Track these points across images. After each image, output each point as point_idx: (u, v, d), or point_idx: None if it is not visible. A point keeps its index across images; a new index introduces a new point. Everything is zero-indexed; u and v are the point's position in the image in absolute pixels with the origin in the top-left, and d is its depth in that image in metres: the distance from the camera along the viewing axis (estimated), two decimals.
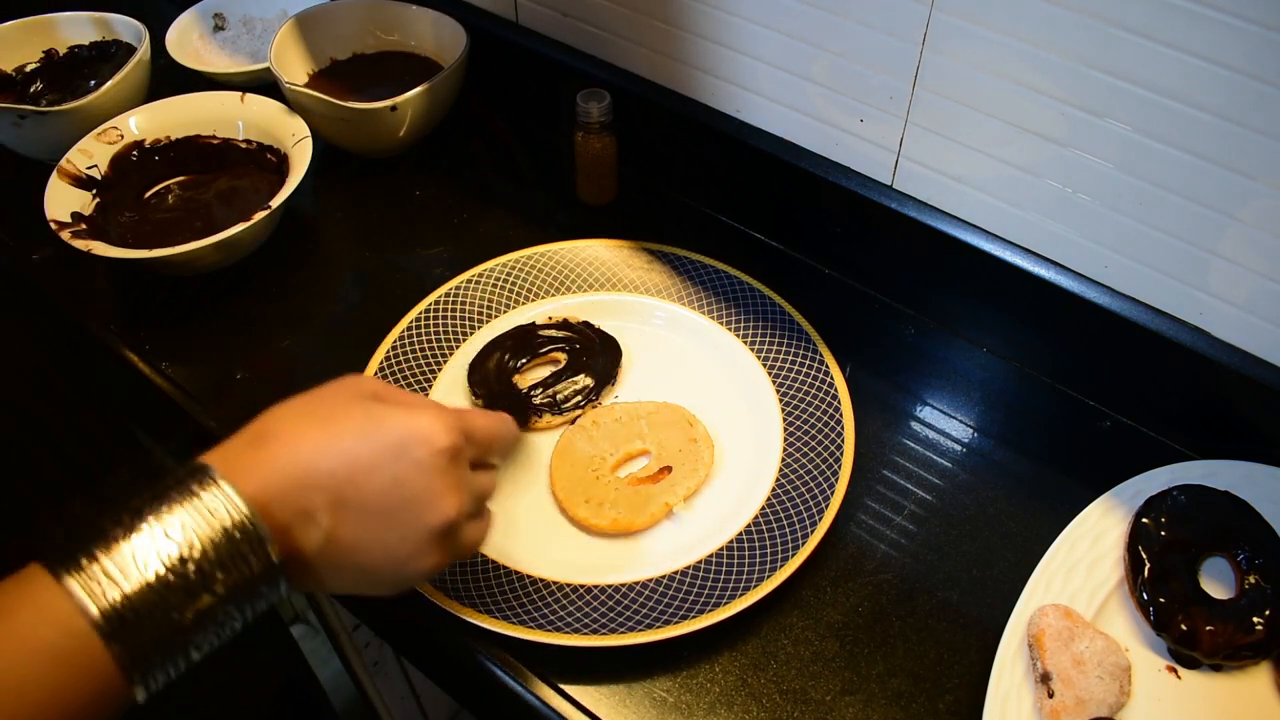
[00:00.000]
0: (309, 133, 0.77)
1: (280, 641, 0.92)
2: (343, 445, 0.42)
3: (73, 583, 0.35)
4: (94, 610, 0.34)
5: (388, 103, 0.78)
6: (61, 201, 0.73)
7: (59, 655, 0.34)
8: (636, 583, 0.56)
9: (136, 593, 0.35)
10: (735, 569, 0.57)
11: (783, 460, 0.62)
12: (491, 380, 0.66)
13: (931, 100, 0.63)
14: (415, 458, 0.43)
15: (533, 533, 0.59)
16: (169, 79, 0.90)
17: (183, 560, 0.36)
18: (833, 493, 0.60)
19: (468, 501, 0.46)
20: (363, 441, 0.42)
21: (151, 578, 0.35)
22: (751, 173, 0.76)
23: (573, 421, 0.64)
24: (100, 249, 0.68)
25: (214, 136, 0.82)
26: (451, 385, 0.67)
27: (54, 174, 0.74)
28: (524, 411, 0.64)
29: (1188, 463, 0.60)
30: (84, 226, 0.73)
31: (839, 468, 0.61)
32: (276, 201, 0.72)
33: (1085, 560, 0.56)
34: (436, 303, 0.71)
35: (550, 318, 0.70)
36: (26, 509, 0.77)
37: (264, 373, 0.69)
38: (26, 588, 0.35)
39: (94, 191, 0.76)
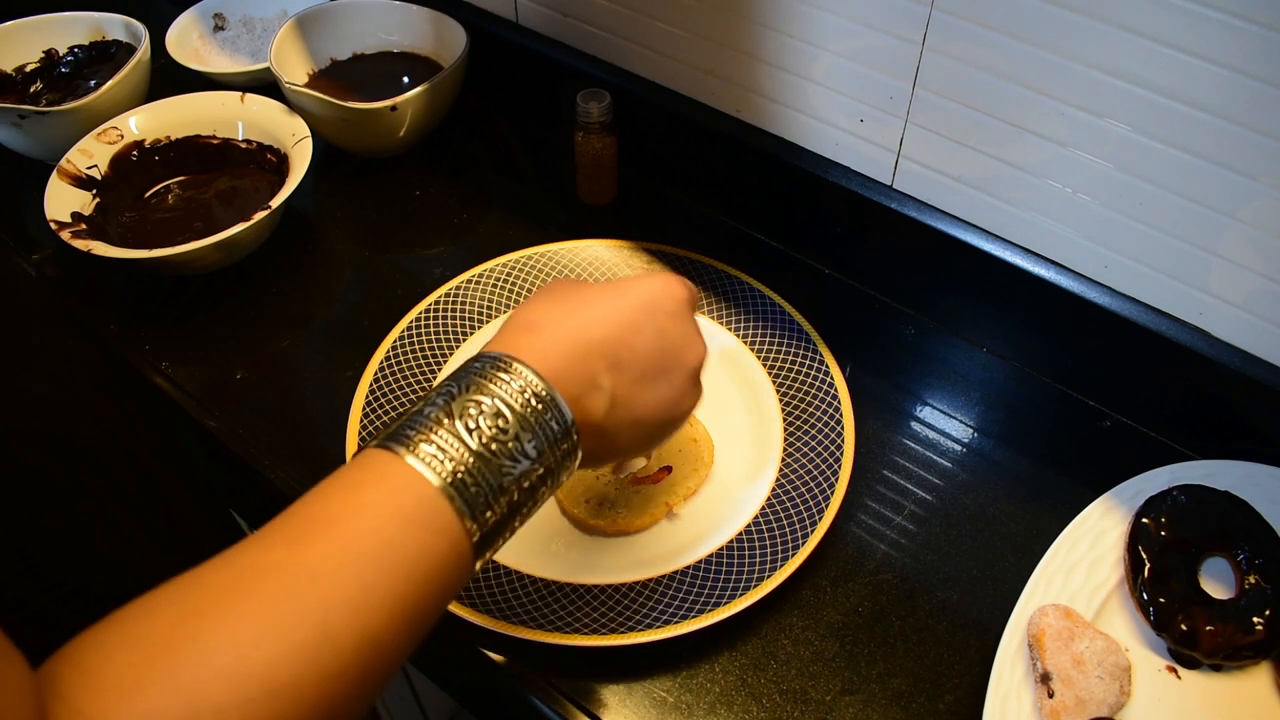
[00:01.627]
0: (309, 133, 0.77)
1: None
2: (605, 315, 0.47)
3: (412, 459, 0.39)
4: (436, 479, 0.39)
5: (388, 103, 0.78)
6: (61, 201, 0.73)
7: (413, 517, 0.38)
8: (636, 583, 0.56)
9: (470, 461, 0.40)
10: (735, 569, 0.57)
11: (783, 460, 0.62)
12: None
13: (931, 100, 0.63)
14: (668, 310, 0.49)
15: (533, 533, 0.59)
16: (169, 79, 0.90)
17: (501, 430, 0.41)
18: (833, 493, 0.60)
19: (704, 346, 0.51)
20: (620, 308, 0.47)
21: (477, 446, 0.40)
22: (751, 173, 0.76)
23: None
24: (100, 249, 0.68)
25: (214, 136, 0.82)
26: None
27: (54, 174, 0.74)
28: None
29: (1188, 463, 0.60)
30: (84, 226, 0.73)
31: (839, 468, 0.61)
32: (276, 201, 0.72)
33: (1085, 560, 0.56)
34: (436, 303, 0.71)
35: None
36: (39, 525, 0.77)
37: (264, 373, 0.69)
38: (371, 469, 0.39)
39: (94, 191, 0.76)
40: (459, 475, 0.39)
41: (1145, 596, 0.54)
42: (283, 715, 0.32)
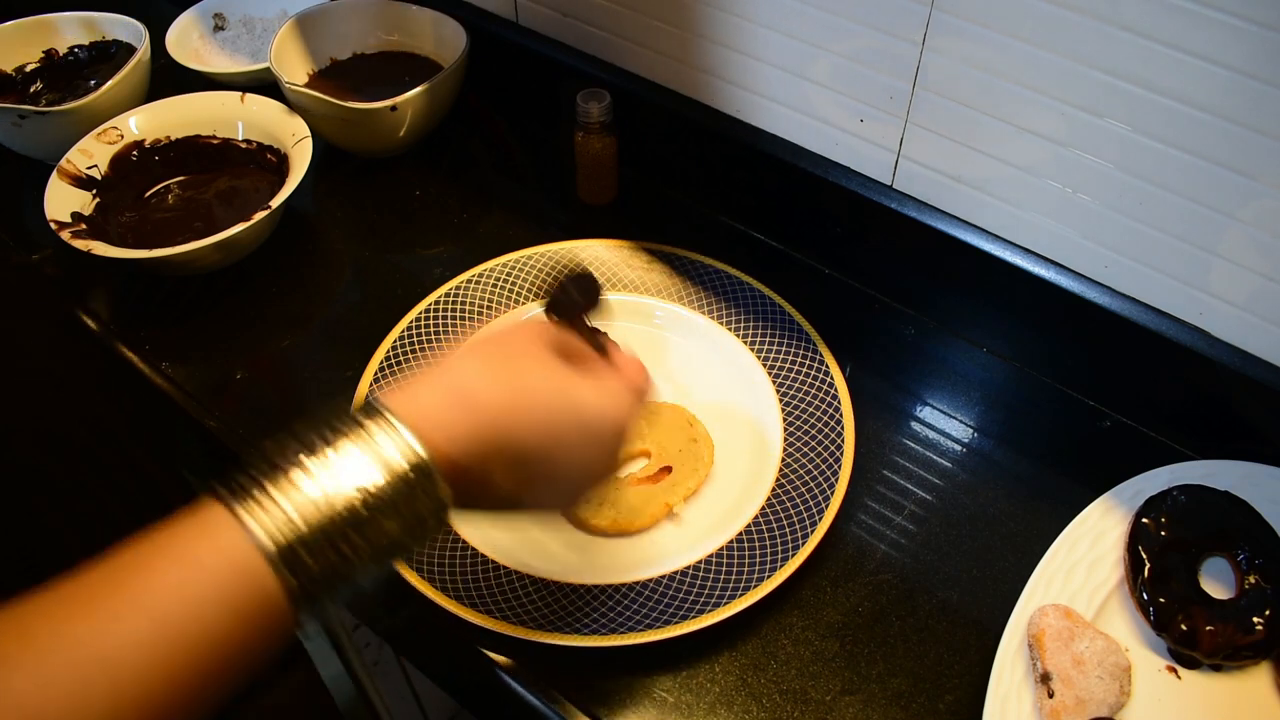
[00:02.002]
0: (309, 133, 0.77)
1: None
2: (535, 419, 0.42)
3: (249, 519, 0.35)
4: (269, 546, 0.35)
5: (388, 103, 0.78)
6: (61, 201, 0.73)
7: (234, 600, 0.35)
8: (636, 583, 0.56)
9: (311, 529, 0.36)
10: (735, 569, 0.57)
11: (783, 460, 0.62)
12: None
13: (931, 100, 0.63)
14: (603, 442, 0.44)
15: (533, 533, 0.59)
16: (169, 79, 0.90)
17: (363, 501, 0.36)
18: (833, 493, 0.60)
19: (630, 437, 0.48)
20: (554, 416, 0.42)
21: (326, 511, 0.36)
22: (751, 172, 0.76)
23: None
24: (100, 249, 0.68)
25: (214, 136, 0.82)
26: None
27: (54, 174, 0.74)
28: None
29: (1188, 463, 0.60)
30: (84, 226, 0.73)
31: (839, 468, 0.61)
32: (276, 201, 0.72)
33: (1085, 560, 0.56)
34: (436, 303, 0.71)
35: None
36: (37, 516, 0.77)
37: (264, 373, 0.69)
38: (203, 521, 0.36)
39: (94, 191, 0.76)
40: (297, 545, 0.35)
41: (1145, 596, 0.54)
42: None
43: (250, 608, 0.35)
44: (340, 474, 0.37)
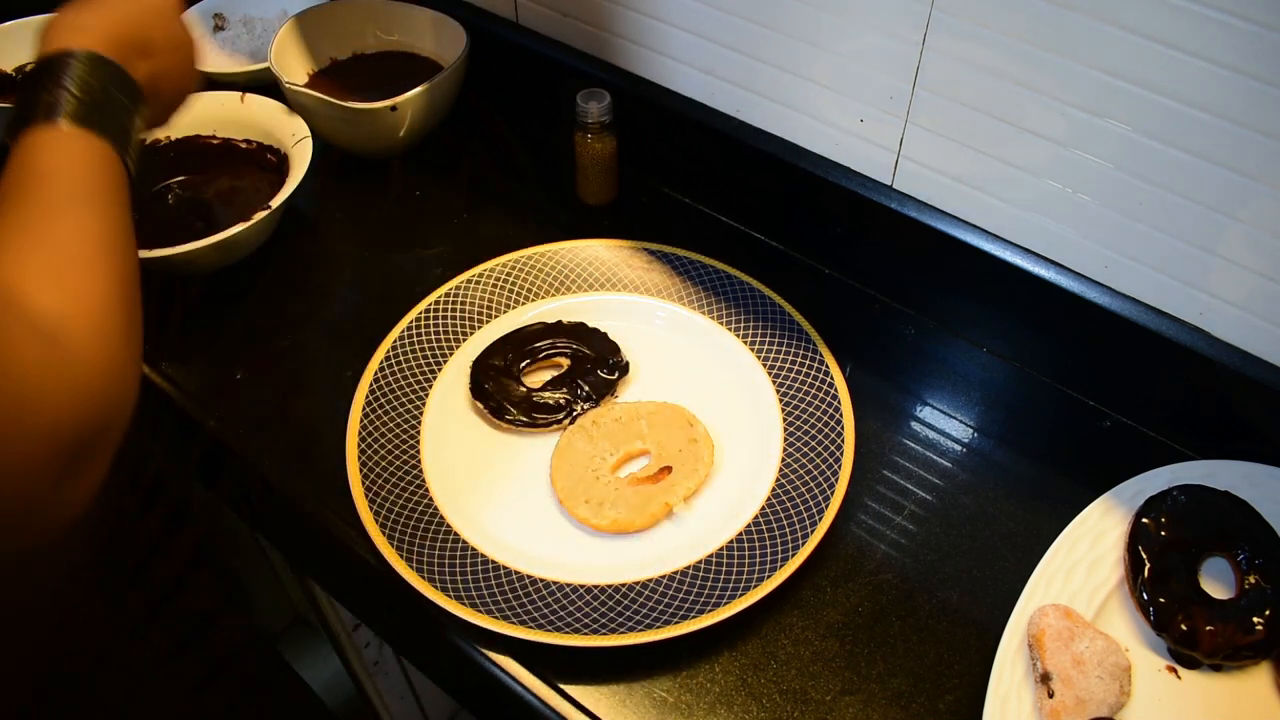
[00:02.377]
0: (309, 133, 0.77)
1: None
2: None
3: (65, 122, 0.49)
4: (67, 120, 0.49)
5: (388, 103, 0.78)
6: None
7: (69, 148, 0.49)
8: (636, 583, 0.56)
9: (80, 101, 0.50)
10: (735, 569, 0.57)
11: (783, 460, 0.62)
12: (496, 381, 0.66)
13: (931, 100, 0.63)
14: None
15: (533, 533, 0.59)
16: None
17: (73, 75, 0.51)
18: (833, 493, 0.60)
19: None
20: None
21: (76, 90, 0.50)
22: (751, 172, 0.76)
23: (573, 420, 0.65)
24: None
25: (214, 136, 0.82)
26: (452, 385, 0.67)
27: None
28: (530, 414, 0.65)
29: (1188, 463, 0.60)
30: None
31: (839, 468, 0.61)
32: (276, 201, 0.72)
33: (1085, 560, 0.56)
34: (436, 303, 0.71)
35: (562, 320, 0.70)
36: None
37: (264, 373, 0.69)
38: (39, 143, 0.49)
39: None
40: (77, 109, 0.50)
41: (1145, 596, 0.54)
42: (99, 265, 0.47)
43: (86, 155, 0.50)
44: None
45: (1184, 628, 0.52)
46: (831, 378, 0.66)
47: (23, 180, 0.48)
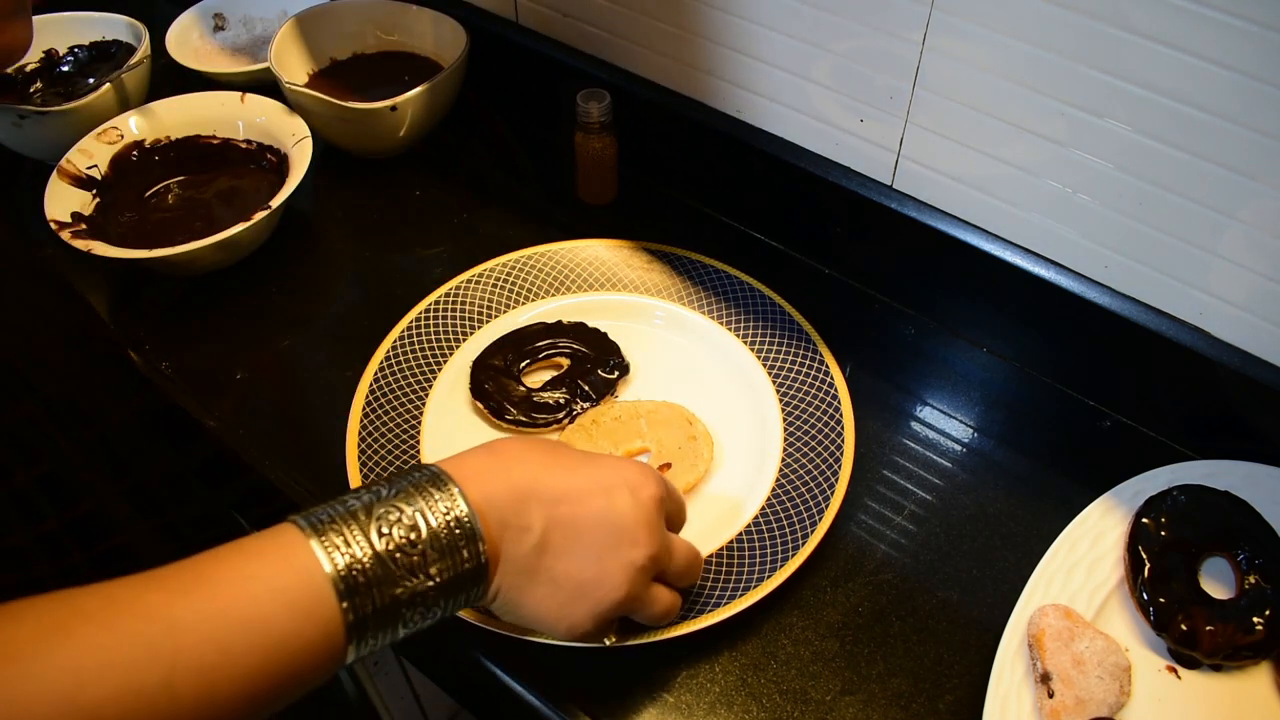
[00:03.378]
0: (309, 133, 0.77)
1: None
2: (564, 471, 0.47)
3: (315, 543, 0.39)
4: (329, 568, 0.38)
5: (388, 103, 0.78)
6: (61, 201, 0.73)
7: (294, 599, 0.38)
8: None
9: (369, 561, 0.39)
10: (735, 569, 0.57)
11: (783, 460, 0.62)
12: (496, 381, 0.66)
13: (931, 100, 0.63)
14: (628, 495, 0.47)
15: None
16: (169, 79, 0.90)
17: (410, 542, 0.41)
18: (833, 493, 0.60)
19: (664, 554, 0.48)
20: (582, 472, 0.47)
21: (382, 550, 0.40)
22: (751, 172, 0.76)
23: (572, 419, 0.65)
24: (100, 249, 0.68)
25: (214, 136, 0.82)
26: (452, 386, 0.67)
27: (54, 174, 0.74)
28: (530, 413, 0.65)
29: (1188, 463, 0.60)
30: (84, 226, 0.73)
31: (839, 468, 0.61)
32: (276, 201, 0.72)
33: (1085, 560, 0.56)
34: (436, 303, 0.71)
35: (562, 320, 0.70)
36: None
37: (264, 373, 0.69)
38: (275, 541, 0.40)
39: (94, 191, 0.76)
40: (354, 571, 0.39)
41: (1145, 596, 0.54)
42: None
43: (308, 628, 0.38)
44: (397, 520, 0.41)
45: (1184, 628, 0.52)
46: (831, 378, 0.66)
47: (213, 583, 0.37)
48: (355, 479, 0.60)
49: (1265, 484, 0.58)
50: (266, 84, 0.83)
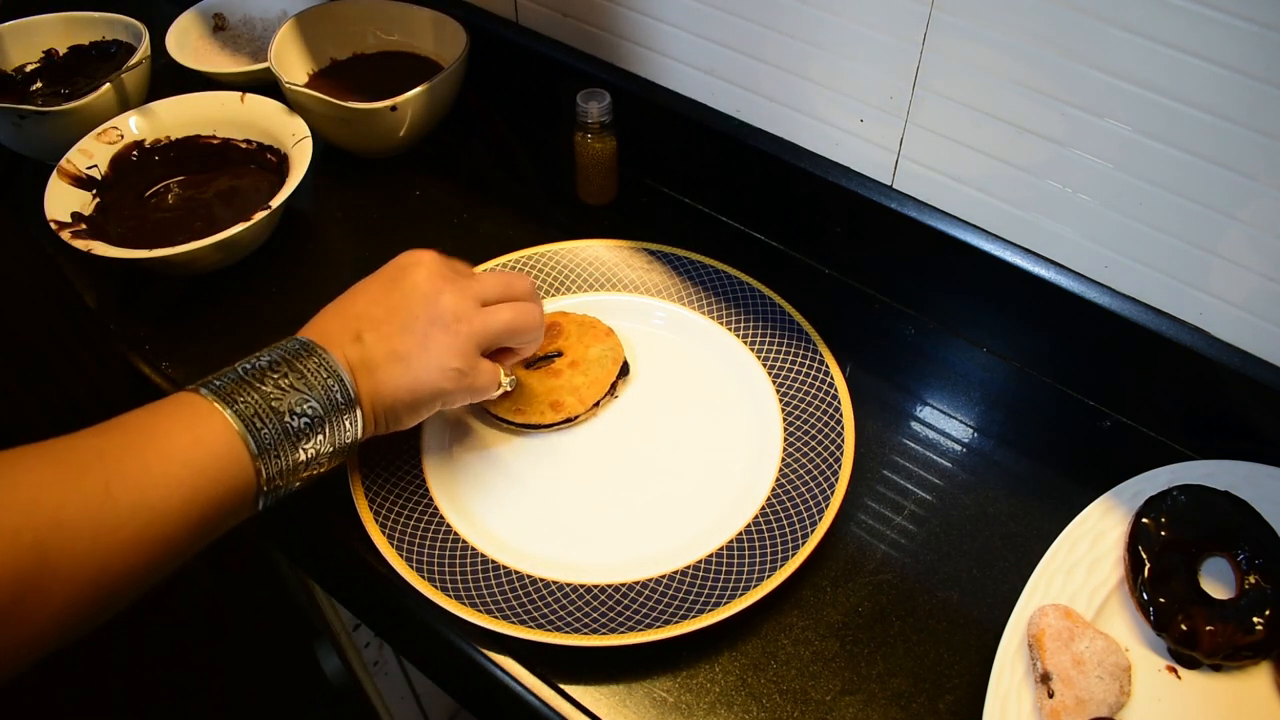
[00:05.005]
0: (309, 133, 0.77)
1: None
2: (365, 290, 0.57)
3: (202, 388, 0.48)
4: (212, 394, 0.47)
5: (388, 103, 0.78)
6: (61, 201, 0.73)
7: (193, 421, 0.46)
8: (636, 582, 0.56)
9: (256, 401, 0.48)
10: (735, 569, 0.57)
11: (783, 460, 0.62)
12: None
13: (931, 100, 0.63)
14: (410, 272, 0.57)
15: (533, 533, 0.59)
16: (169, 79, 0.90)
17: (288, 384, 0.50)
18: (833, 493, 0.60)
19: (465, 301, 0.56)
20: (377, 278, 0.58)
21: (266, 393, 0.49)
22: (751, 173, 0.76)
23: (574, 420, 0.65)
24: (100, 249, 0.68)
25: (214, 136, 0.82)
26: None
27: (54, 174, 0.74)
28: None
29: (1188, 463, 0.60)
30: (84, 226, 0.73)
31: (839, 468, 0.61)
32: (276, 201, 0.72)
33: (1085, 560, 0.56)
34: None
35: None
36: None
37: None
38: (169, 399, 0.48)
39: (94, 191, 0.76)
40: (245, 409, 0.47)
41: (1145, 596, 0.54)
42: (67, 547, 0.40)
43: (207, 436, 0.46)
44: (257, 360, 0.51)
45: (1184, 628, 0.52)
46: (831, 378, 0.66)
47: (128, 429, 0.46)
48: (355, 478, 0.60)
49: (1265, 484, 0.58)
50: (266, 84, 0.83)
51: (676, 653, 0.55)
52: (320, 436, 0.50)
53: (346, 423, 0.52)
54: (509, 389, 0.61)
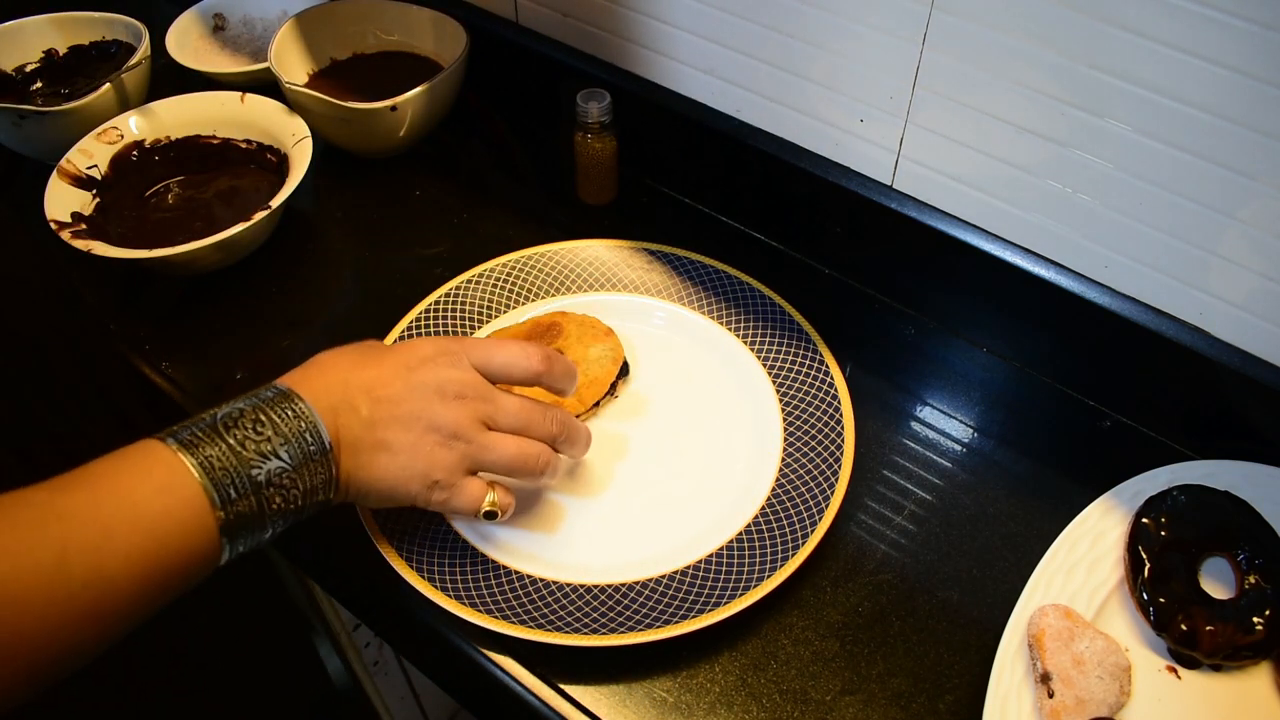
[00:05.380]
0: (309, 133, 0.77)
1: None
2: (378, 363, 0.53)
3: (171, 440, 0.45)
4: (189, 458, 0.44)
5: (388, 103, 0.78)
6: (61, 201, 0.73)
7: (162, 485, 0.43)
8: (636, 582, 0.56)
9: (223, 449, 0.45)
10: (735, 569, 0.57)
11: (783, 460, 0.62)
12: None
13: (931, 100, 0.63)
14: (431, 366, 0.53)
15: (533, 533, 0.59)
16: (169, 79, 0.90)
17: (256, 432, 0.46)
18: (833, 493, 0.60)
19: (472, 422, 0.53)
20: (389, 358, 0.53)
21: (230, 441, 0.46)
22: (751, 173, 0.76)
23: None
24: (100, 249, 0.68)
25: (214, 136, 0.82)
26: None
27: (54, 174, 0.74)
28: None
29: (1188, 463, 0.60)
30: (84, 226, 0.73)
31: (839, 468, 0.61)
32: (276, 201, 0.72)
33: (1085, 560, 0.56)
34: (436, 303, 0.71)
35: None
36: None
37: (264, 373, 0.69)
38: (139, 449, 0.45)
39: (94, 191, 0.76)
40: (210, 458, 0.44)
41: (1145, 596, 0.54)
42: (12, 623, 0.37)
43: (176, 507, 0.43)
44: (240, 416, 0.47)
45: (1184, 628, 0.52)
46: (831, 378, 0.66)
47: (91, 480, 0.43)
48: None
49: (1265, 484, 0.58)
50: (266, 84, 0.83)
51: (676, 653, 0.55)
52: (291, 489, 0.47)
53: (319, 478, 0.49)
54: (492, 516, 0.55)
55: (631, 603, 0.55)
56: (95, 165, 0.77)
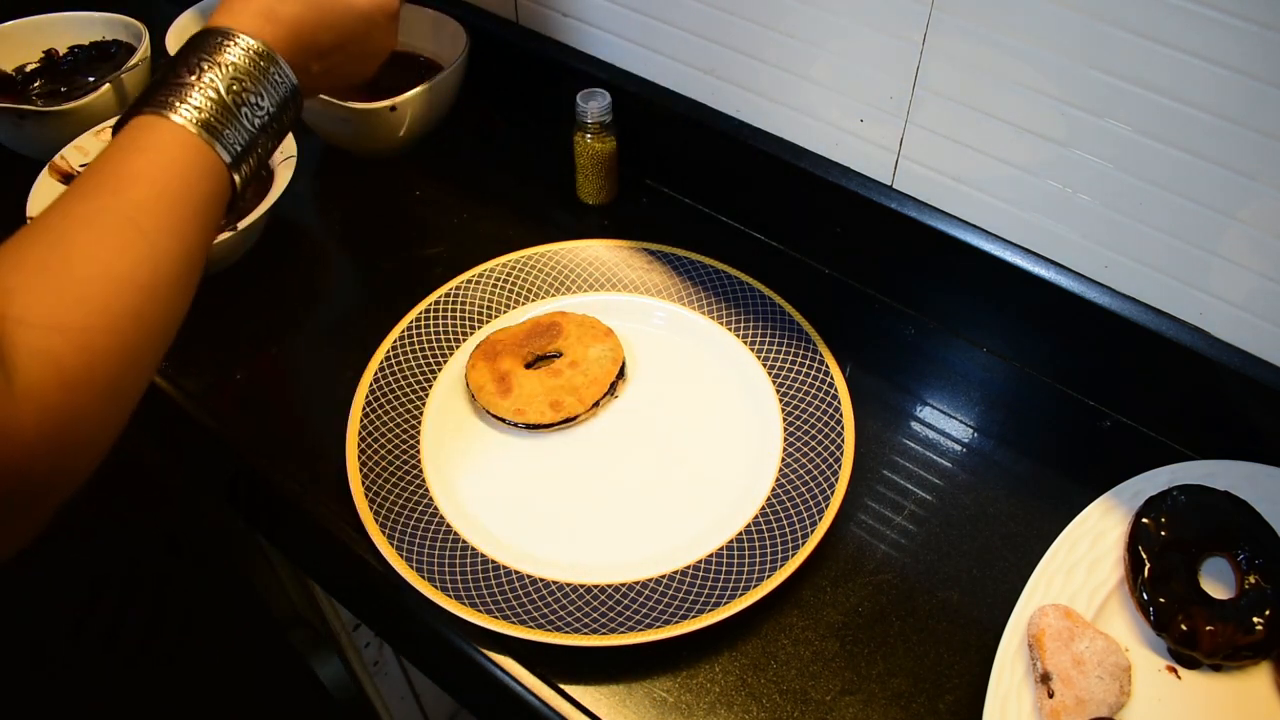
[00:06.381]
0: (295, 152, 0.76)
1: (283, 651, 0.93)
2: None
3: (175, 116, 0.48)
4: (193, 128, 0.48)
5: (388, 103, 0.77)
6: (49, 199, 0.73)
7: (179, 155, 0.47)
8: (636, 582, 0.56)
9: (215, 110, 0.49)
10: (735, 569, 0.57)
11: (783, 460, 0.62)
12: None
13: (931, 100, 0.63)
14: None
15: (533, 533, 0.59)
16: None
17: (234, 79, 0.50)
18: (833, 493, 0.60)
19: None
20: None
21: (217, 97, 0.49)
22: (751, 173, 0.76)
23: (573, 420, 0.65)
24: None
25: None
26: (452, 386, 0.67)
27: (44, 170, 0.74)
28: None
29: (1188, 463, 0.60)
30: None
31: (839, 468, 0.61)
32: (245, 224, 0.70)
33: (1085, 560, 0.56)
34: (436, 303, 0.71)
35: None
36: None
37: (263, 373, 0.69)
38: (145, 129, 0.48)
39: None
40: (209, 118, 0.48)
41: (1145, 596, 0.54)
42: (125, 300, 0.42)
43: (196, 156, 0.48)
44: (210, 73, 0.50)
45: (1184, 628, 0.52)
46: (831, 378, 0.66)
47: (102, 171, 0.45)
48: (355, 479, 0.60)
49: (1265, 484, 0.58)
50: None
51: (676, 653, 0.55)
52: (248, 93, 0.51)
53: (238, 55, 0.51)
54: None
55: (631, 603, 0.55)
56: (88, 163, 0.77)
